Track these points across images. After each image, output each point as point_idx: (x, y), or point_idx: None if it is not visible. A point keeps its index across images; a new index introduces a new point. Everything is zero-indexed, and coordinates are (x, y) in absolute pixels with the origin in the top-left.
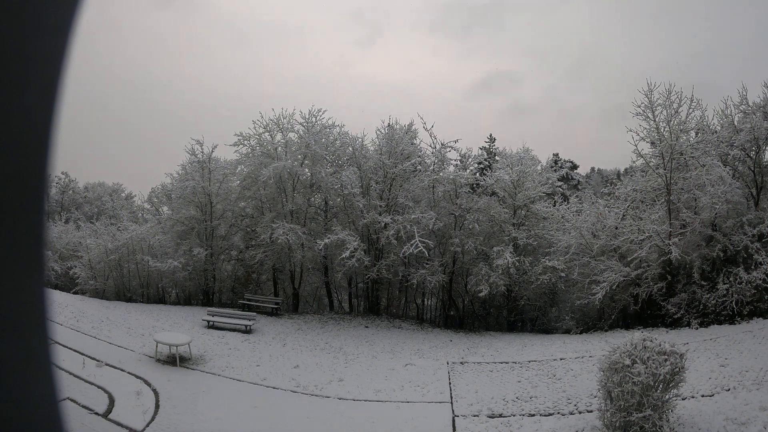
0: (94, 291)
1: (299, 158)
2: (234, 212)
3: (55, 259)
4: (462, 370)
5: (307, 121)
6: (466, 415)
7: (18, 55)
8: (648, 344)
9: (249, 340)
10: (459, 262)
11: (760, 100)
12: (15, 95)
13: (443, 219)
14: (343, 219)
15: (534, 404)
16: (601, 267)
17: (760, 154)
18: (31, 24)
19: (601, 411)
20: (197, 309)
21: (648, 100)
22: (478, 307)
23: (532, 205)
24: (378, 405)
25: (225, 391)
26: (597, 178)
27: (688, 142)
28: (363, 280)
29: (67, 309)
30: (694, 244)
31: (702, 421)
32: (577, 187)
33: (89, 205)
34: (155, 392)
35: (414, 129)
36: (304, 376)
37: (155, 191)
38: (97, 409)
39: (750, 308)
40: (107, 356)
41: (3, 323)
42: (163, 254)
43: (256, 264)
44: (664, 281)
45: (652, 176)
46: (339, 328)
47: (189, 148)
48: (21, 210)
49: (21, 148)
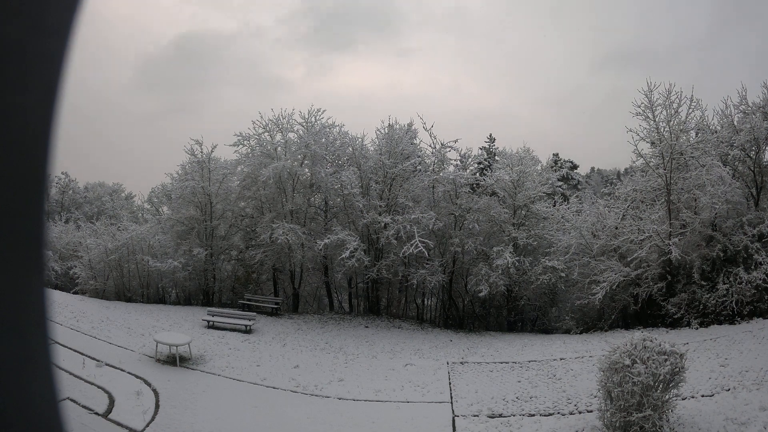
0: (94, 291)
1: (299, 158)
2: (234, 212)
3: (55, 259)
4: (462, 370)
5: (307, 121)
6: (466, 415)
7: (18, 55)
8: (648, 344)
9: (249, 340)
10: (459, 262)
11: (760, 100)
12: (15, 95)
13: (443, 219)
14: (343, 219)
15: (534, 404)
16: (601, 267)
17: (760, 154)
18: (31, 24)
19: (601, 411)
20: (197, 309)
21: (648, 100)
22: (478, 307)
23: (532, 205)
24: (378, 405)
25: (225, 391)
26: (597, 178)
27: (688, 142)
28: (363, 280)
29: (67, 309)
30: (694, 244)
31: (702, 421)
32: (577, 187)
33: (89, 205)
34: (155, 392)
35: (414, 129)
36: (304, 376)
37: (155, 191)
38: (97, 409)
39: (750, 308)
40: (107, 356)
41: (3, 323)
42: (163, 254)
43: (256, 264)
44: (664, 281)
45: (652, 176)
46: (339, 328)
47: (189, 148)
48: (21, 210)
49: (21, 148)
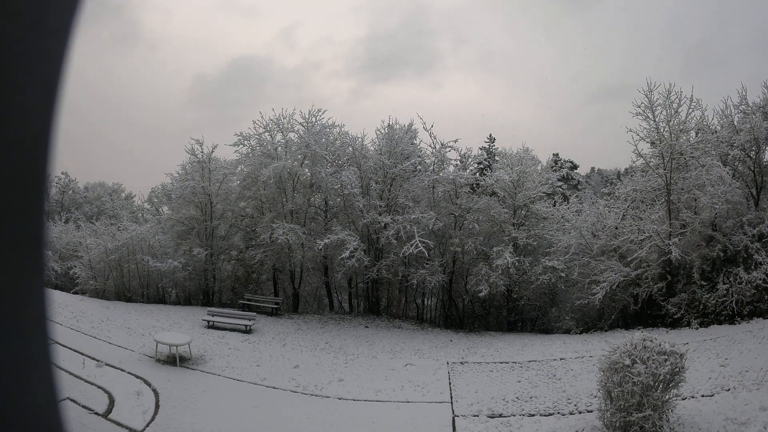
0: (94, 291)
1: (299, 158)
2: (234, 212)
3: (55, 259)
4: (462, 370)
5: (307, 121)
6: (466, 415)
7: (18, 55)
8: (648, 344)
9: (249, 340)
10: (459, 262)
11: (760, 100)
12: (15, 95)
13: (443, 219)
14: (343, 219)
15: (534, 404)
16: (601, 267)
17: (760, 154)
18: (31, 24)
19: (601, 411)
20: (197, 309)
21: (648, 100)
22: (478, 307)
23: (532, 205)
24: (378, 405)
25: (225, 391)
26: (597, 178)
27: (688, 142)
28: (363, 280)
29: (67, 309)
30: (694, 244)
31: (702, 421)
32: (577, 187)
33: (89, 205)
34: (155, 392)
35: (414, 129)
36: (304, 376)
37: (155, 191)
38: (97, 409)
39: (750, 308)
40: (107, 356)
41: (3, 323)
42: (163, 254)
43: (256, 264)
44: (664, 281)
45: (652, 176)
46: (339, 328)
47: (189, 148)
48: (21, 210)
49: (21, 148)
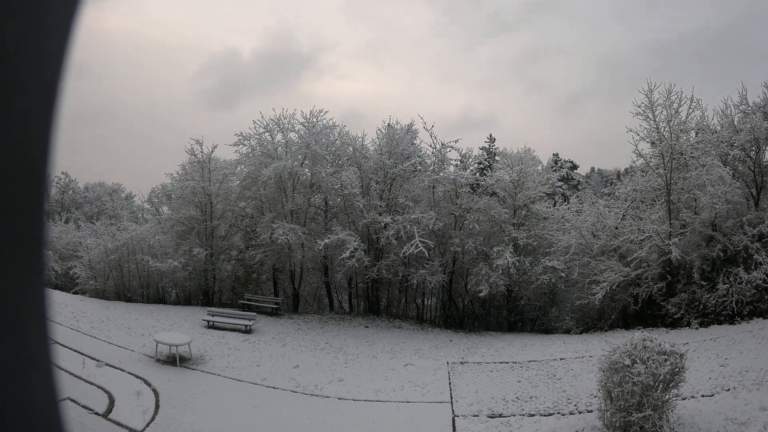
0: (94, 291)
1: (299, 158)
2: (234, 212)
3: (55, 259)
4: (462, 370)
5: (308, 121)
6: (466, 415)
7: (18, 55)
8: (648, 344)
9: (249, 340)
10: (459, 262)
11: (760, 100)
12: (15, 95)
13: (443, 219)
14: (343, 219)
15: (534, 404)
16: (601, 267)
17: (760, 154)
18: (31, 24)
19: (601, 411)
20: (197, 309)
21: (648, 100)
22: (478, 307)
23: (532, 205)
24: (378, 405)
25: (225, 391)
26: (597, 178)
27: (688, 142)
28: (363, 280)
29: (67, 309)
30: (694, 244)
31: (702, 421)
32: (577, 187)
33: (89, 205)
34: (155, 392)
35: (414, 129)
36: (304, 376)
37: (155, 191)
38: (97, 409)
39: (750, 308)
40: (107, 356)
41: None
42: (163, 254)
43: (256, 264)
44: (664, 281)
45: (652, 176)
46: (339, 328)
47: (189, 148)
48: (21, 210)
49: (21, 148)
